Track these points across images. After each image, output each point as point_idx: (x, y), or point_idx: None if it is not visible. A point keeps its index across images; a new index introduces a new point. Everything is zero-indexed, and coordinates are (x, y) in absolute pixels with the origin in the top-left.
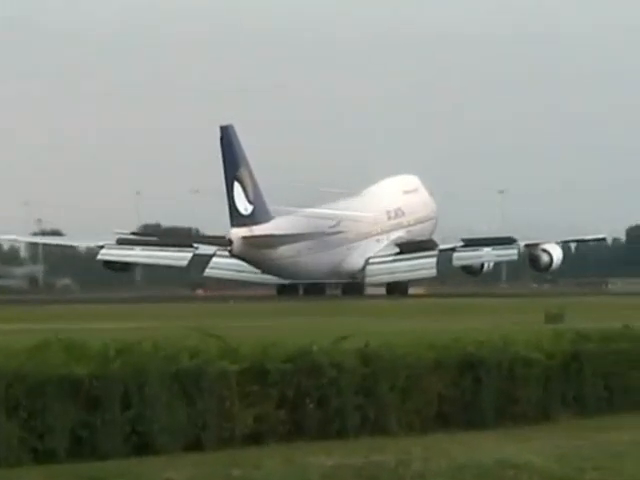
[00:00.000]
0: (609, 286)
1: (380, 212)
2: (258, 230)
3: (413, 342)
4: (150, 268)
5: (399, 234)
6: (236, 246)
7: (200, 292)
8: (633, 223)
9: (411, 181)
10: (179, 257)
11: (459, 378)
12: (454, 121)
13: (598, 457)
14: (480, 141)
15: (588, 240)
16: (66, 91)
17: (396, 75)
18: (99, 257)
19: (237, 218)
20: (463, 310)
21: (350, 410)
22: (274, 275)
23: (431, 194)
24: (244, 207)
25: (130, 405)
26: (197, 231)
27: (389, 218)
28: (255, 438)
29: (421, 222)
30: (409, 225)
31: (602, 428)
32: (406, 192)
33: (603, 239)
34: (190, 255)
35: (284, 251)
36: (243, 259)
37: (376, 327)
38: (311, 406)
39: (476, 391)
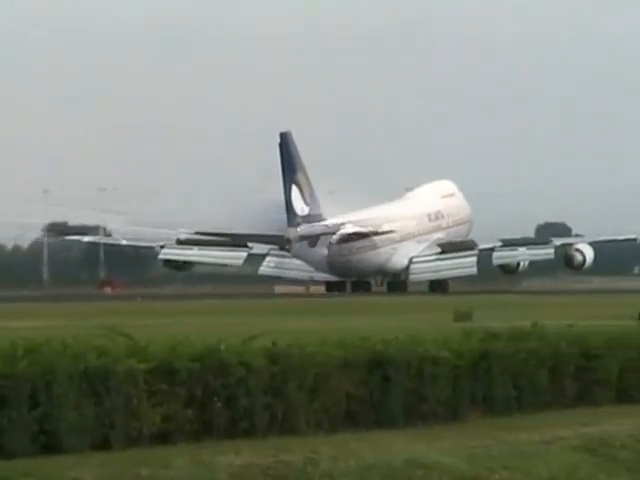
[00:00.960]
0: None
1: (421, 215)
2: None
3: (322, 341)
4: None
5: (439, 235)
6: (294, 244)
7: (108, 290)
8: None
9: (448, 186)
10: (235, 256)
11: (368, 377)
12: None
13: (507, 457)
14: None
15: (620, 240)
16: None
17: None
18: (160, 256)
19: (294, 218)
20: (375, 309)
21: (258, 409)
22: (327, 272)
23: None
24: (301, 208)
25: (38, 404)
26: (104, 230)
27: (429, 220)
28: (163, 437)
29: (458, 224)
30: (447, 227)
31: (511, 427)
32: (444, 196)
33: (634, 239)
34: (245, 254)
35: (338, 249)
36: (300, 258)
37: (288, 325)
38: (219, 405)
39: (385, 390)
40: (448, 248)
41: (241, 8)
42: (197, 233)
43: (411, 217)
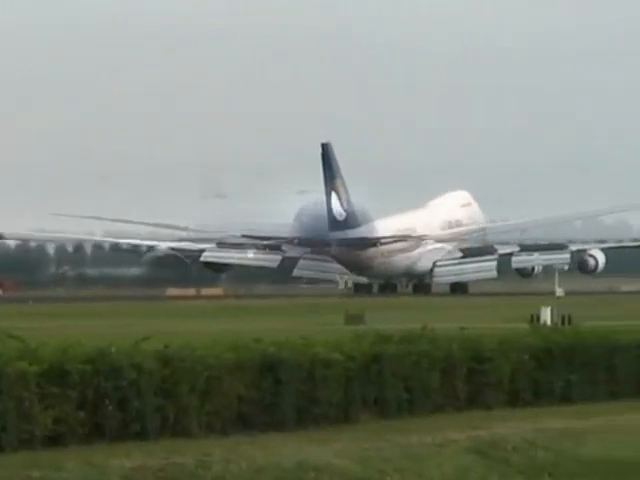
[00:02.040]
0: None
1: (444, 222)
2: (352, 234)
3: (214, 343)
4: None
5: (458, 241)
6: (334, 247)
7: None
8: None
9: (465, 196)
10: (271, 259)
11: (260, 379)
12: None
13: (399, 459)
14: None
15: (630, 247)
16: None
17: None
18: (201, 259)
19: (334, 223)
20: (268, 311)
21: (150, 411)
22: (361, 275)
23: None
24: (339, 214)
25: None
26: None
27: (450, 227)
28: (55, 440)
29: (475, 231)
30: (466, 233)
31: (403, 430)
32: (462, 205)
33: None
34: (280, 257)
35: (371, 253)
36: (338, 259)
37: (182, 328)
38: (111, 407)
39: (277, 392)
40: (469, 253)
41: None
42: (244, 237)
43: (435, 224)
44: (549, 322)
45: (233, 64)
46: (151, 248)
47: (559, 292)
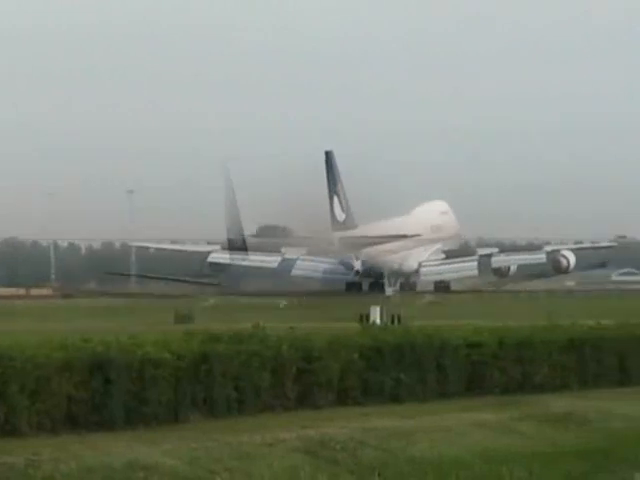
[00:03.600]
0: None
1: (426, 227)
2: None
3: (42, 343)
4: None
5: (440, 244)
6: (336, 246)
7: None
8: None
9: (443, 204)
10: (270, 260)
11: (89, 379)
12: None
13: (229, 458)
14: None
15: (600, 247)
16: None
17: None
18: (208, 260)
19: (335, 224)
20: (96, 311)
21: None
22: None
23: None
24: (340, 215)
25: None
26: None
27: (432, 232)
28: None
29: (451, 237)
30: (446, 238)
31: (233, 429)
32: (442, 213)
33: (611, 247)
34: (280, 258)
35: (367, 252)
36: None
37: (11, 327)
38: None
39: (106, 392)
40: (451, 254)
41: None
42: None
43: (419, 228)
44: (378, 321)
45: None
46: None
47: (389, 291)
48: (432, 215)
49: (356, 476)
